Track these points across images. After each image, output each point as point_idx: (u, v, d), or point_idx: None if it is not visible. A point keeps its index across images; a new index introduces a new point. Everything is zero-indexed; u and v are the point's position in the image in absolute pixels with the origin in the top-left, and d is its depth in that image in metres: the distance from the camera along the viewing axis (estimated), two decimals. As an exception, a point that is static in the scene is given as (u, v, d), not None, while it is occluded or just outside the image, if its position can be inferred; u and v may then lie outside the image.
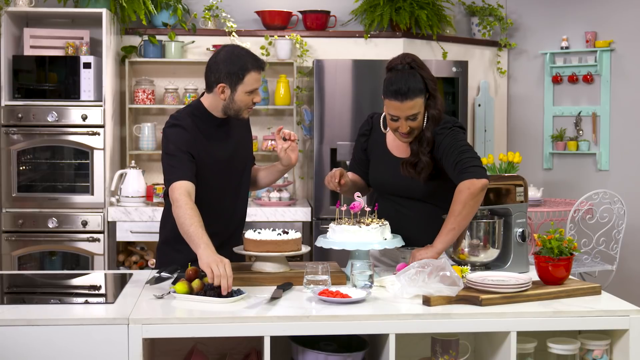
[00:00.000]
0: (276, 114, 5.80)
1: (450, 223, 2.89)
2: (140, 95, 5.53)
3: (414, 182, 3.11)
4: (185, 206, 2.90)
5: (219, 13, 5.69)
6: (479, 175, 2.90)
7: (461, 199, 2.88)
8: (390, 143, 3.22)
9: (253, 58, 3.10)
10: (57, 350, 2.39)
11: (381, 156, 3.23)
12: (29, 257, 5.12)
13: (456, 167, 2.95)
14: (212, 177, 3.15)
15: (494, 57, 6.32)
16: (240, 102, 3.10)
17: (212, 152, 3.15)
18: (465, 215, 2.88)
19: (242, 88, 3.07)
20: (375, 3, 5.66)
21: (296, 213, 5.19)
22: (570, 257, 2.77)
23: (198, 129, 3.13)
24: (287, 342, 2.66)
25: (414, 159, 3.07)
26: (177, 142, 3.08)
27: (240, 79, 3.06)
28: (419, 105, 2.99)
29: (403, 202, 3.19)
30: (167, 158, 3.08)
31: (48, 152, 5.16)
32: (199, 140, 3.12)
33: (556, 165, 6.24)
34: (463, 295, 2.58)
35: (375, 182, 3.28)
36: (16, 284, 3.21)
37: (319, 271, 2.74)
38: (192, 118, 3.15)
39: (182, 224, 2.88)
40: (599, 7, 6.06)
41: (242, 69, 3.05)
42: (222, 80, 3.06)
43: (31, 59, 5.14)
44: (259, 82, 3.12)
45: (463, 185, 2.90)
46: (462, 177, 2.92)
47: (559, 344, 2.60)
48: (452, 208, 2.90)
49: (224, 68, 3.06)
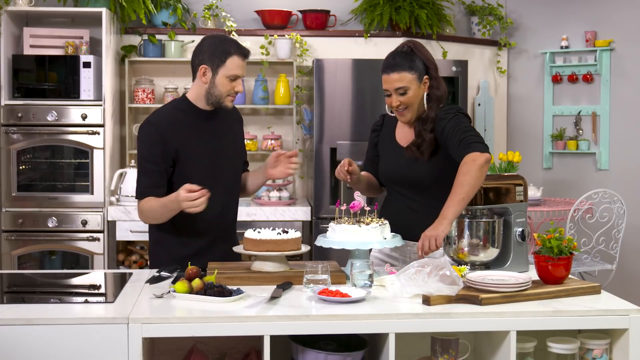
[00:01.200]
0: (276, 113, 5.80)
1: (459, 193, 2.88)
2: (140, 95, 5.53)
3: (420, 166, 3.16)
4: (144, 208, 3.15)
5: (219, 12, 5.69)
6: (483, 150, 2.95)
7: (468, 170, 2.89)
8: (399, 134, 3.30)
9: (237, 44, 3.14)
10: (56, 349, 2.39)
11: (390, 148, 3.30)
12: (29, 256, 5.12)
13: (460, 144, 3.00)
14: (196, 172, 3.14)
15: (494, 57, 6.32)
16: (221, 87, 3.11)
17: (196, 146, 3.15)
18: (473, 186, 2.88)
19: (223, 71, 3.09)
20: (375, 2, 5.66)
21: (296, 212, 5.19)
22: (570, 256, 2.77)
23: (176, 124, 3.13)
24: (286, 341, 2.66)
25: (418, 140, 3.17)
26: (148, 144, 3.14)
27: (222, 61, 3.09)
28: (407, 80, 3.12)
29: (412, 195, 3.21)
30: (140, 164, 3.19)
31: (48, 151, 5.16)
32: (179, 136, 3.12)
33: (556, 165, 6.24)
34: (463, 295, 2.58)
35: (384, 174, 3.32)
36: (16, 284, 3.21)
37: (319, 270, 2.74)
38: (171, 114, 3.16)
39: (154, 214, 3.13)
40: (598, 6, 6.06)
41: (225, 52, 3.09)
42: (204, 62, 3.11)
43: (31, 58, 5.14)
44: (241, 70, 3.13)
45: (468, 157, 2.93)
46: (466, 151, 2.96)
47: (558, 343, 2.60)
48: (459, 179, 2.90)
49: (207, 50, 3.12)
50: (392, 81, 3.13)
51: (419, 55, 3.17)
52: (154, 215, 3.13)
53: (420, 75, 3.15)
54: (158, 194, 3.11)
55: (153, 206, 3.11)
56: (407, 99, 3.14)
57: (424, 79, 3.16)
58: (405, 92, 3.13)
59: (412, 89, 3.13)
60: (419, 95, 3.17)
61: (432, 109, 3.17)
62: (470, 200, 2.92)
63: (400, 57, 3.15)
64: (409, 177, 3.21)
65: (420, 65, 3.16)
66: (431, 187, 3.17)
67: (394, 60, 3.15)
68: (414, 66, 3.14)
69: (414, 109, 3.17)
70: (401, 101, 3.14)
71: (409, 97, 3.14)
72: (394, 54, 3.19)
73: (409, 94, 3.14)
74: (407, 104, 3.15)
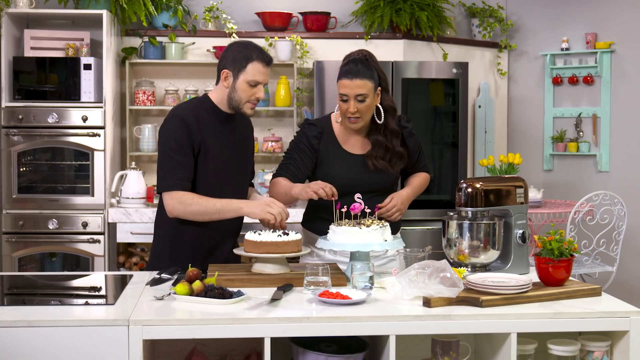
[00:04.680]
0: (276, 115, 5.80)
1: (411, 189, 3.39)
2: (141, 97, 5.53)
3: (380, 175, 3.31)
4: (192, 201, 3.04)
5: (220, 14, 5.70)
6: (430, 173, 3.57)
7: (421, 180, 3.48)
8: (346, 143, 3.36)
9: (259, 50, 3.14)
10: (57, 351, 2.39)
11: (338, 155, 3.33)
12: (30, 258, 5.12)
13: (419, 163, 3.51)
14: (208, 172, 3.14)
15: (494, 59, 6.32)
16: (241, 92, 3.11)
17: (213, 146, 3.14)
18: (418, 191, 3.44)
19: (244, 77, 3.09)
20: (375, 4, 5.66)
21: (296, 214, 5.17)
22: (570, 258, 2.77)
23: (199, 120, 3.13)
24: (287, 343, 2.66)
25: (380, 151, 3.29)
26: (178, 137, 3.08)
27: (243, 66, 3.10)
28: (368, 88, 3.21)
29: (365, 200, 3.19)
30: (166, 158, 3.09)
31: (48, 153, 5.16)
32: (202, 132, 3.11)
33: (556, 167, 6.24)
34: (463, 297, 2.58)
35: (332, 180, 3.20)
36: (16, 285, 3.21)
37: (319, 272, 2.74)
38: (194, 109, 3.15)
39: (206, 212, 3.04)
40: (599, 8, 6.06)
41: (247, 57, 3.10)
42: (226, 67, 3.13)
43: (31, 60, 5.14)
44: (262, 77, 3.13)
45: (424, 174, 3.52)
46: (423, 169, 3.53)
47: (559, 345, 2.61)
48: (413, 181, 3.46)
49: (230, 55, 3.13)
50: (354, 87, 3.19)
51: (374, 66, 3.27)
52: (200, 212, 3.04)
53: (376, 85, 3.26)
54: (188, 187, 3.07)
55: (205, 206, 3.04)
56: (364, 107, 3.22)
57: (378, 90, 3.26)
58: (364, 99, 3.21)
59: (369, 97, 3.23)
60: (373, 105, 3.26)
61: (391, 121, 3.30)
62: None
63: (363, 65, 3.23)
64: (369, 184, 3.29)
65: (376, 76, 3.26)
66: (388, 192, 3.35)
67: (356, 67, 3.22)
68: (373, 75, 3.24)
69: (367, 118, 3.26)
70: (358, 108, 3.22)
71: (367, 105, 3.23)
72: (355, 60, 3.25)
73: (367, 102, 3.23)
74: (362, 112, 3.23)
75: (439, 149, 5.43)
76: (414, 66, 5.33)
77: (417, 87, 5.34)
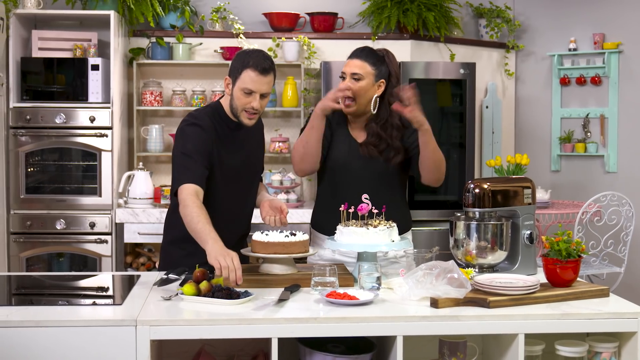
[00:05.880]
0: (284, 115, 5.80)
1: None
2: (148, 97, 5.54)
3: (375, 163, 3.29)
4: (192, 205, 2.92)
5: (227, 15, 5.70)
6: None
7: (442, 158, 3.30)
8: (353, 131, 3.37)
9: (258, 58, 3.08)
10: (64, 351, 2.39)
11: (343, 141, 3.35)
12: (37, 258, 5.13)
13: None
14: (221, 182, 3.15)
15: (502, 59, 6.31)
16: (237, 100, 3.11)
17: (225, 156, 3.15)
18: (436, 144, 3.21)
19: (239, 84, 3.09)
20: (382, 5, 5.66)
21: (304, 215, 5.18)
22: (578, 259, 2.76)
23: (215, 130, 3.13)
24: (294, 344, 2.66)
25: (374, 140, 3.28)
26: (196, 143, 3.08)
27: (239, 73, 3.09)
28: (366, 71, 3.25)
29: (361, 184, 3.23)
30: (182, 157, 3.08)
31: (56, 153, 5.17)
32: (214, 143, 3.12)
33: (564, 167, 6.23)
34: (471, 298, 2.58)
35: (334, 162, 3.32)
36: (24, 286, 3.22)
37: (327, 273, 2.74)
38: (210, 119, 3.15)
39: (190, 222, 2.90)
40: (606, 8, 6.04)
41: (243, 64, 3.09)
42: (229, 73, 3.15)
43: (39, 60, 5.15)
44: (256, 85, 3.06)
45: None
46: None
47: (567, 346, 2.60)
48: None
49: (233, 62, 3.14)
50: (352, 65, 3.26)
51: (388, 63, 3.31)
52: (186, 219, 2.94)
53: (379, 76, 3.27)
54: (201, 184, 3.03)
55: (192, 217, 2.89)
56: (357, 88, 3.24)
57: (380, 81, 3.27)
58: (359, 79, 3.23)
59: (365, 81, 3.25)
60: (369, 93, 3.25)
61: (394, 116, 3.27)
62: (432, 144, 3.20)
63: (371, 53, 3.30)
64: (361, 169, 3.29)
65: (384, 70, 3.29)
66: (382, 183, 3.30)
67: (362, 52, 3.30)
68: (378, 65, 3.27)
69: (360, 102, 3.26)
70: (351, 87, 3.22)
71: (360, 87, 3.24)
72: (367, 47, 3.34)
73: (361, 84, 3.23)
74: (355, 94, 3.23)
75: (446, 150, 5.42)
76: (421, 67, 5.33)
77: (424, 88, 5.33)
